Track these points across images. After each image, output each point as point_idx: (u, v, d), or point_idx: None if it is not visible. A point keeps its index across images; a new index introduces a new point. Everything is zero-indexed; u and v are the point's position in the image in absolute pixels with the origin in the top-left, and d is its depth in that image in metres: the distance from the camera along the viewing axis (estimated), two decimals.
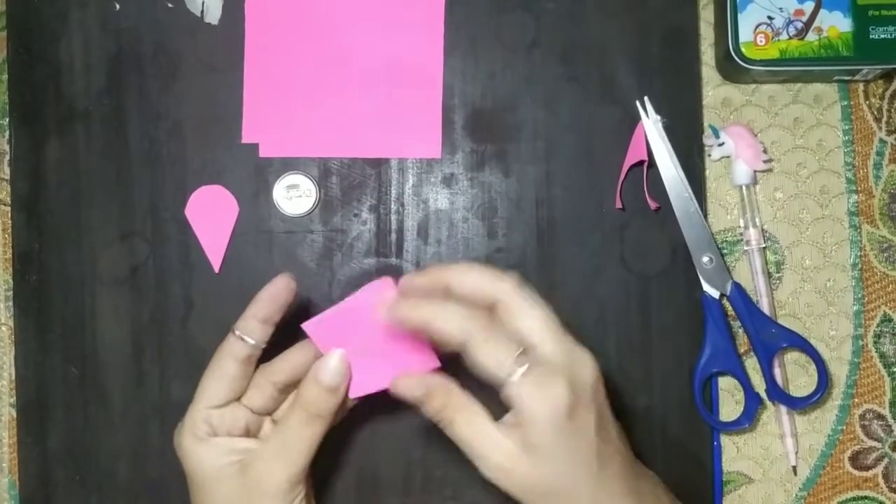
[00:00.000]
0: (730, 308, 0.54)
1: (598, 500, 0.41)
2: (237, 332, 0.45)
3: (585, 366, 0.41)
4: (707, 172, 0.55)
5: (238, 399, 0.46)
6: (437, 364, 0.45)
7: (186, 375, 0.54)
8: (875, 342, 0.55)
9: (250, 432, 0.46)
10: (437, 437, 0.53)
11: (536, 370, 0.40)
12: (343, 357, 0.44)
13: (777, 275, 0.55)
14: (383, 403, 0.47)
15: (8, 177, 0.55)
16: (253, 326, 0.45)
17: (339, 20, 0.55)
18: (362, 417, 0.53)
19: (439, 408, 0.42)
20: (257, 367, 0.46)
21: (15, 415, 0.54)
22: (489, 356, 0.40)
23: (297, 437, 0.44)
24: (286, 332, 0.47)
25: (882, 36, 0.51)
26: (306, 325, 0.44)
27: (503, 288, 0.42)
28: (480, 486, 0.53)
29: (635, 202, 0.54)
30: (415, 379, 0.42)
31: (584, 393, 0.41)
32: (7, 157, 0.55)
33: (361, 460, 0.54)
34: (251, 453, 0.44)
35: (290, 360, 0.46)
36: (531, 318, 0.41)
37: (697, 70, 0.55)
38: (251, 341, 0.45)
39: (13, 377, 0.54)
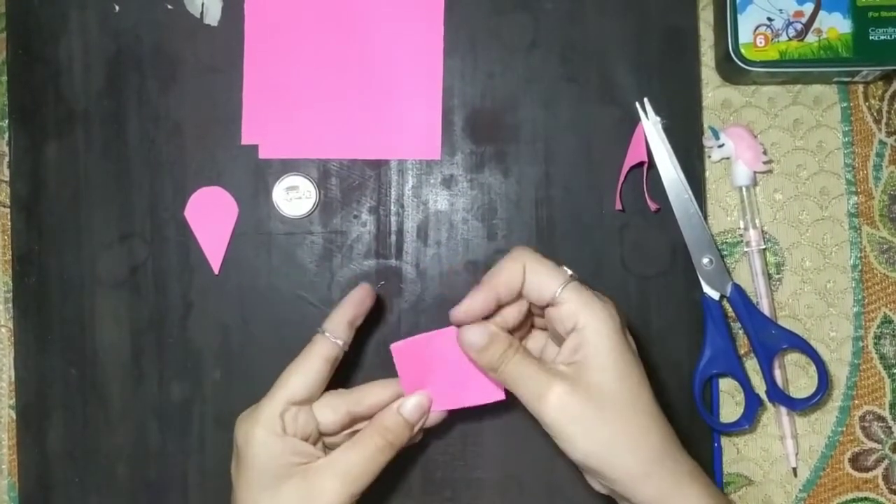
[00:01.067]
0: (730, 309, 0.53)
1: (651, 425, 0.42)
2: (326, 333, 0.46)
3: (616, 304, 0.44)
4: (707, 174, 0.55)
5: (311, 403, 0.46)
6: (503, 397, 0.46)
7: (185, 376, 0.54)
8: (875, 343, 0.54)
9: (314, 442, 0.46)
10: (436, 438, 0.53)
11: (586, 287, 0.43)
12: (427, 397, 0.46)
13: (777, 276, 0.55)
14: None
15: (7, 178, 0.55)
16: (341, 328, 0.47)
17: (339, 21, 0.55)
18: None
19: (500, 353, 0.43)
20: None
21: (14, 416, 0.54)
22: (545, 273, 0.43)
23: (369, 460, 0.45)
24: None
25: (882, 37, 0.51)
26: (395, 347, 0.46)
27: (520, 254, 0.44)
28: (480, 487, 0.53)
29: (635, 203, 0.54)
30: (478, 326, 0.44)
31: (624, 320, 0.43)
32: (6, 158, 0.55)
33: None
34: (318, 462, 0.45)
35: (373, 395, 0.47)
36: (556, 266, 0.44)
37: (697, 71, 0.55)
38: (339, 342, 0.46)
39: (13, 379, 0.54)
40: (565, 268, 0.44)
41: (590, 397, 0.41)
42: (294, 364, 0.46)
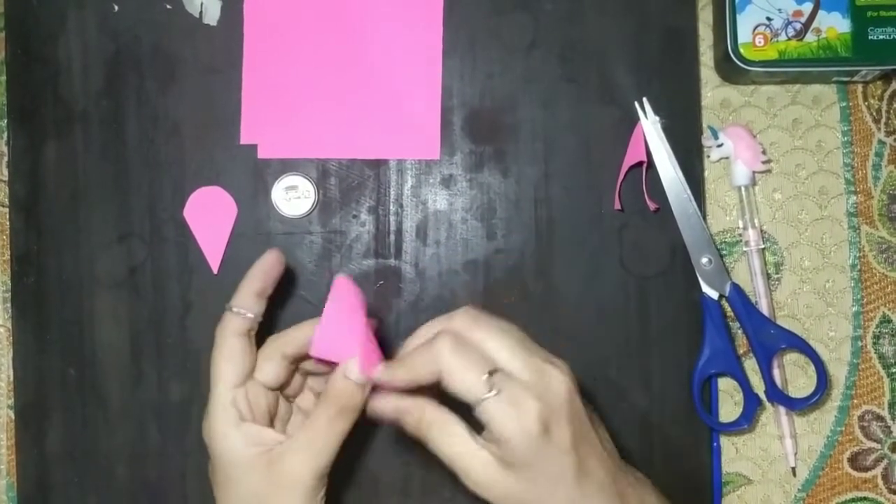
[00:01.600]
0: (729, 309, 0.53)
1: (590, 490, 0.41)
2: (234, 309, 0.46)
3: (557, 380, 0.42)
4: (706, 173, 0.55)
5: (251, 376, 0.46)
6: (380, 359, 0.45)
7: (185, 376, 0.54)
8: (874, 343, 0.54)
9: (273, 417, 0.47)
10: None
11: (507, 390, 0.41)
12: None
13: (776, 276, 0.55)
14: None
15: (6, 178, 0.55)
16: (250, 301, 0.46)
17: (338, 21, 0.55)
18: (361, 420, 0.53)
19: (416, 424, 0.43)
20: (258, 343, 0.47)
21: (13, 416, 0.54)
22: (459, 382, 0.41)
23: (326, 431, 0.44)
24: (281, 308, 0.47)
25: (881, 37, 0.51)
26: (314, 354, 0.45)
27: (457, 324, 0.43)
28: None
29: (634, 203, 0.54)
30: (386, 400, 0.43)
31: (558, 408, 0.41)
32: (5, 158, 0.55)
33: (360, 461, 0.54)
34: (280, 446, 0.44)
35: (300, 331, 0.47)
36: (493, 340, 0.42)
37: (696, 71, 0.55)
38: (249, 315, 0.46)
39: (11, 379, 0.54)
40: (485, 375, 0.41)
41: (509, 488, 0.41)
42: (215, 351, 0.45)
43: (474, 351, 0.42)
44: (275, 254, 0.47)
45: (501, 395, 0.41)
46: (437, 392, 0.43)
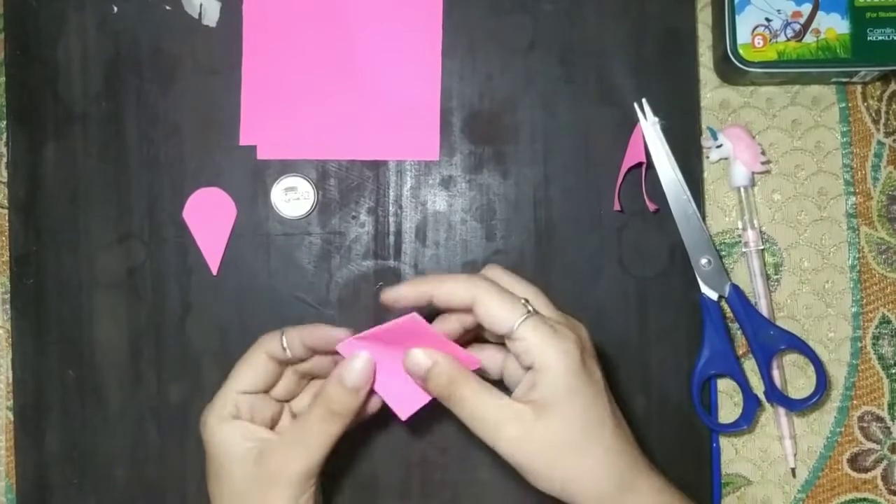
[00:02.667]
0: (728, 310, 0.53)
1: (613, 453, 0.41)
2: (283, 338, 0.46)
3: (584, 330, 0.44)
4: (705, 174, 0.55)
5: (267, 391, 0.47)
6: (478, 363, 0.45)
7: (184, 378, 0.54)
8: (874, 344, 0.54)
9: (273, 423, 0.47)
10: (435, 440, 0.53)
11: (543, 321, 0.42)
12: (367, 360, 0.45)
13: (775, 276, 0.55)
14: (382, 407, 0.47)
15: (5, 179, 0.55)
16: (297, 344, 0.46)
17: (338, 22, 0.55)
18: (361, 421, 0.53)
19: (446, 383, 0.42)
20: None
21: (12, 417, 0.54)
22: (498, 307, 0.42)
23: (317, 432, 0.45)
24: None
25: (880, 38, 0.51)
26: (340, 347, 0.45)
27: (491, 274, 0.44)
28: (479, 490, 0.53)
29: (633, 204, 0.54)
30: (422, 352, 0.43)
31: (590, 350, 0.43)
32: (4, 159, 0.55)
33: (360, 463, 0.54)
34: (270, 443, 0.45)
35: (318, 358, 0.47)
36: (521, 287, 0.44)
37: (695, 72, 0.55)
38: (289, 353, 0.46)
39: (10, 380, 0.54)
40: (523, 301, 0.42)
41: (545, 436, 0.41)
42: (244, 356, 0.46)
43: (507, 289, 0.43)
44: (346, 335, 0.45)
45: (539, 319, 0.41)
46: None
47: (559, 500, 0.42)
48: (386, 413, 0.46)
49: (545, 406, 0.41)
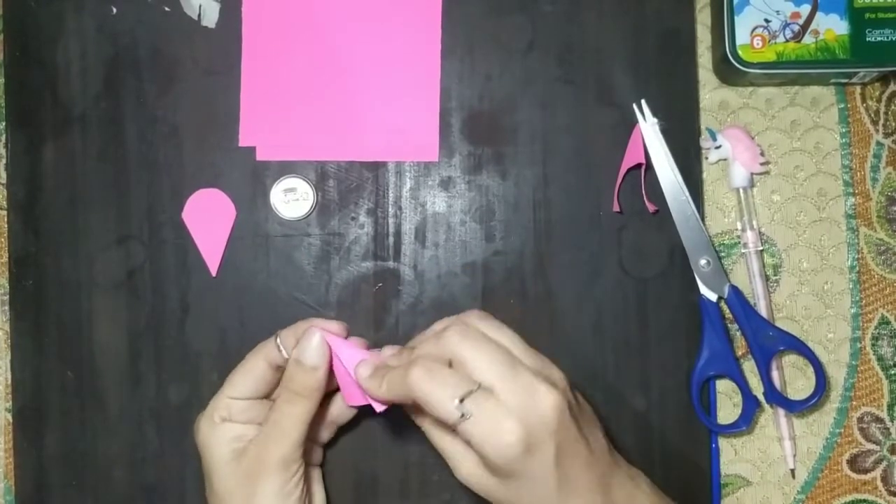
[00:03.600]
0: (727, 311, 0.53)
1: (575, 486, 0.42)
2: (278, 341, 0.47)
3: (545, 400, 0.41)
4: (704, 175, 0.55)
5: (265, 397, 0.48)
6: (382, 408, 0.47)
7: (183, 379, 0.54)
8: (873, 345, 0.54)
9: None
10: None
11: (485, 412, 0.40)
12: (322, 338, 0.46)
13: (774, 277, 0.55)
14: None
15: (4, 181, 0.55)
16: (292, 343, 0.47)
17: (337, 23, 0.55)
18: (359, 421, 0.53)
19: (415, 413, 0.45)
20: None
21: (11, 419, 0.54)
22: (433, 409, 0.41)
23: (285, 416, 0.46)
24: None
25: (879, 38, 0.51)
26: (349, 403, 0.47)
27: (447, 341, 0.43)
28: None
29: (633, 205, 0.54)
30: (373, 371, 0.44)
31: (543, 428, 0.41)
32: (3, 160, 0.55)
33: (359, 464, 0.54)
34: (251, 439, 0.46)
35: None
36: (479, 360, 0.42)
37: (694, 73, 0.55)
38: (286, 355, 0.47)
39: (9, 381, 0.54)
40: (457, 401, 0.40)
41: (500, 484, 0.42)
42: (241, 363, 0.48)
43: (452, 374, 0.41)
44: (342, 325, 0.47)
45: (477, 419, 0.40)
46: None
47: None
48: (385, 413, 0.46)
49: (492, 471, 0.42)
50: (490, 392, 0.41)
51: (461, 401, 0.40)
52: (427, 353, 0.43)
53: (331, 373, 0.46)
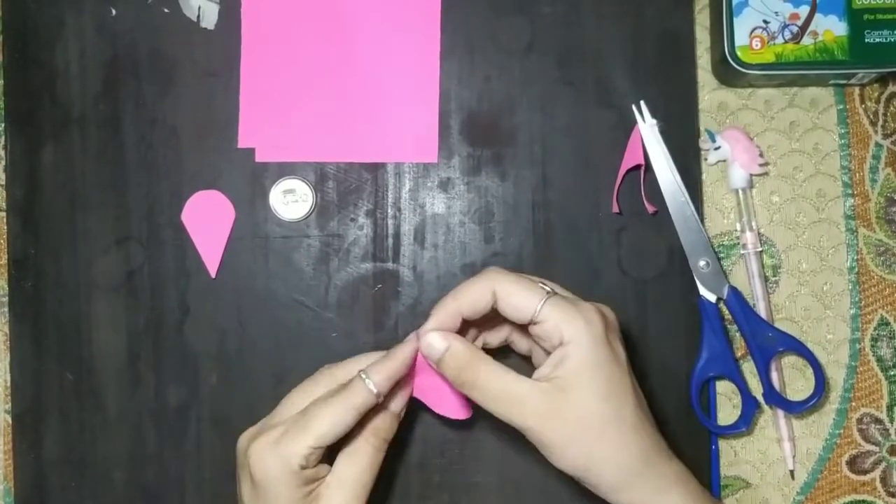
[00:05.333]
0: (726, 312, 0.53)
1: (635, 431, 0.41)
2: (369, 382, 0.43)
3: (605, 308, 0.44)
4: (703, 176, 0.55)
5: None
6: (466, 415, 0.47)
7: (182, 380, 0.53)
8: (872, 346, 0.54)
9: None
10: (434, 442, 0.53)
11: (564, 300, 0.42)
12: (408, 388, 0.46)
13: (774, 278, 0.55)
14: None
15: (3, 182, 0.55)
16: (384, 381, 0.44)
17: (336, 25, 0.55)
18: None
19: (462, 366, 0.42)
20: None
21: (10, 421, 0.54)
22: (517, 294, 0.42)
23: (370, 465, 0.45)
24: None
25: (877, 40, 0.51)
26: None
27: (493, 277, 0.43)
28: (478, 492, 0.53)
29: (632, 206, 0.54)
30: (438, 335, 0.43)
31: (612, 326, 0.43)
32: (2, 162, 0.55)
33: None
34: (325, 484, 0.44)
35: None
36: (539, 283, 0.44)
37: (693, 74, 0.55)
38: (375, 391, 0.43)
39: (8, 383, 0.54)
40: (540, 283, 0.43)
41: (568, 414, 0.41)
42: (328, 406, 0.43)
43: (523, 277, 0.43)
44: (415, 344, 0.44)
45: (560, 299, 0.42)
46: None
47: (577, 483, 0.42)
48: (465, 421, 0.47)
49: (569, 380, 0.41)
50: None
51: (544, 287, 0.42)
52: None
53: None
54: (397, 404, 0.46)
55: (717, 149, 0.54)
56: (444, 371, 0.43)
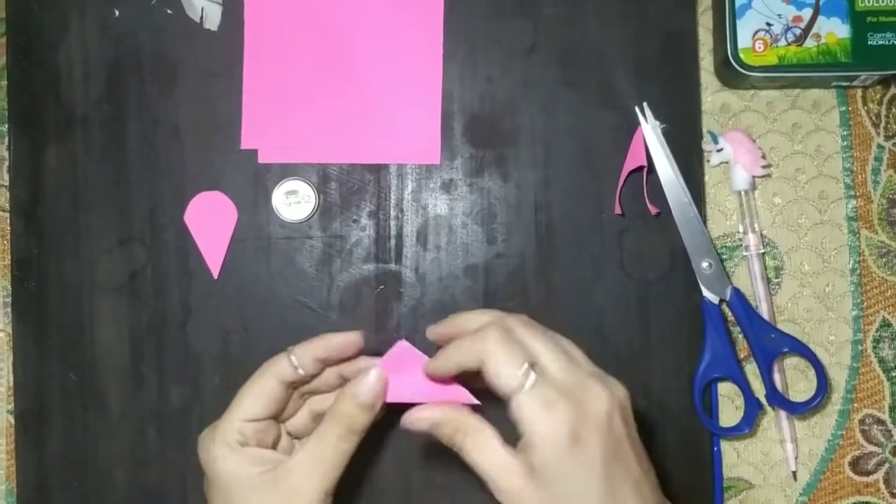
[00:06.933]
0: (729, 313, 0.54)
1: None
2: (291, 356, 0.45)
3: (597, 396, 0.41)
4: (706, 178, 0.55)
5: (275, 419, 0.46)
6: (472, 399, 0.45)
7: (185, 381, 0.53)
8: (874, 347, 0.55)
9: (275, 444, 0.46)
10: (435, 443, 0.53)
11: (543, 388, 0.40)
12: (380, 376, 0.44)
13: (776, 280, 0.55)
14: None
15: (7, 183, 0.55)
16: (308, 360, 0.45)
17: (339, 26, 0.55)
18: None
19: (451, 433, 0.42)
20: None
21: (13, 421, 0.54)
22: (500, 367, 0.41)
23: (334, 450, 0.44)
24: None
25: (880, 42, 0.51)
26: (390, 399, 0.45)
27: (510, 321, 0.43)
28: (478, 494, 0.53)
29: (634, 207, 0.54)
30: (426, 410, 0.43)
31: (592, 422, 0.40)
32: (6, 162, 0.55)
33: (362, 468, 0.53)
34: (284, 465, 0.44)
35: (326, 372, 0.47)
36: (540, 343, 0.42)
37: (696, 76, 0.55)
38: (301, 371, 0.45)
39: (11, 383, 0.54)
40: (525, 366, 0.40)
41: (545, 496, 0.40)
42: (250, 381, 0.45)
43: (520, 345, 0.41)
44: (354, 338, 0.46)
45: (536, 391, 0.40)
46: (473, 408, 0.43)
47: None
48: (386, 417, 0.46)
49: (534, 471, 0.40)
50: (547, 373, 0.41)
51: (526, 372, 0.40)
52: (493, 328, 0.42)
53: None
54: (362, 394, 0.44)
55: (719, 150, 0.54)
56: (438, 437, 0.43)
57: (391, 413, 0.45)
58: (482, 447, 0.42)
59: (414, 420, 0.43)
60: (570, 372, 0.41)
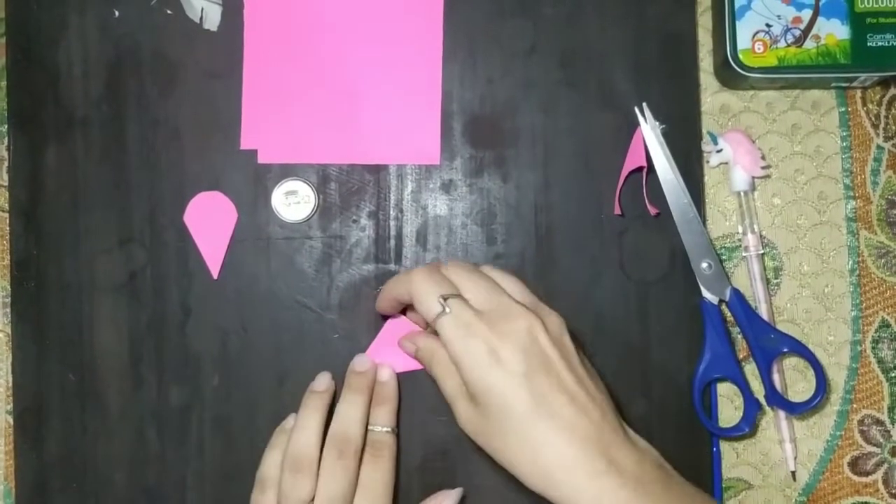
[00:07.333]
0: (729, 314, 0.54)
1: (560, 435, 0.42)
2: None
3: (521, 318, 0.44)
4: (706, 178, 0.55)
5: None
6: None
7: (184, 382, 0.53)
8: (873, 347, 0.55)
9: None
10: (435, 445, 0.53)
11: (462, 312, 0.44)
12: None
13: (775, 281, 0.55)
14: None
15: (6, 183, 0.55)
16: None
17: (338, 26, 0.55)
18: None
19: (428, 359, 0.48)
20: None
21: (12, 422, 0.54)
22: (423, 296, 0.46)
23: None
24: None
25: (879, 43, 0.51)
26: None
27: (446, 267, 0.47)
28: (479, 494, 0.53)
29: (634, 208, 0.54)
30: (409, 339, 0.50)
31: (512, 338, 0.43)
32: (5, 163, 0.55)
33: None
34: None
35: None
36: (465, 276, 0.46)
37: (696, 76, 0.55)
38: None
39: (10, 384, 0.54)
40: (440, 298, 0.45)
41: (481, 420, 0.44)
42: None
43: (443, 279, 0.46)
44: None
45: (453, 315, 0.44)
46: None
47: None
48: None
49: (472, 396, 0.44)
50: (468, 298, 0.45)
51: (445, 300, 0.45)
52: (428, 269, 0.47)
53: None
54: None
55: (718, 151, 0.54)
56: (419, 360, 0.50)
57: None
58: (446, 374, 0.46)
59: (403, 343, 0.50)
60: (491, 299, 0.45)
